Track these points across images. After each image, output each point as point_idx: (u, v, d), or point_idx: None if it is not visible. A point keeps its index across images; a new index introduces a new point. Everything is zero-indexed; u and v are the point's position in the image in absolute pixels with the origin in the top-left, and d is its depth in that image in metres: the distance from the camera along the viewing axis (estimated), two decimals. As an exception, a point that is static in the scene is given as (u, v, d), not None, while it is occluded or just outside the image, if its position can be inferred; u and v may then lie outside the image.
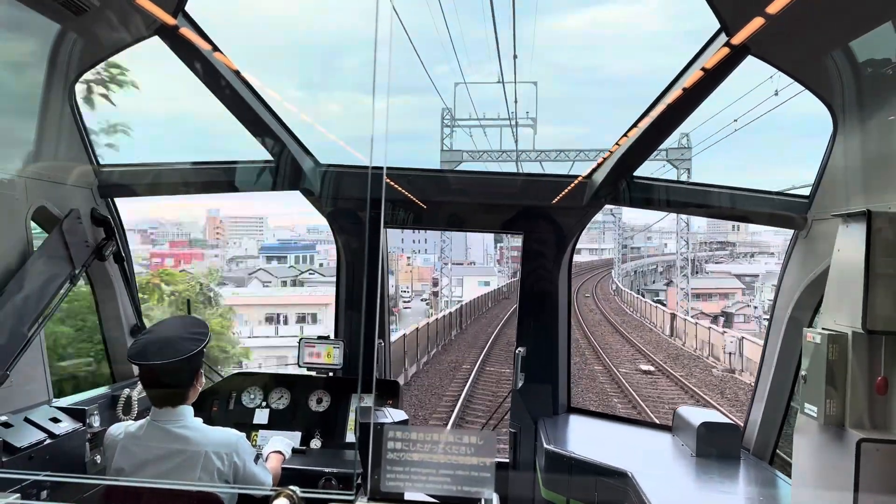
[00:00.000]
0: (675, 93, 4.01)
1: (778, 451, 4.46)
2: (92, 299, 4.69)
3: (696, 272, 77.00)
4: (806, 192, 4.20)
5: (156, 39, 3.78)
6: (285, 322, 44.23)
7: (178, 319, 3.36)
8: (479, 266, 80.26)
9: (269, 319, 44.76)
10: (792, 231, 4.35)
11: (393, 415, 4.43)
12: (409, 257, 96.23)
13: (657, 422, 11.12)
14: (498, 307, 47.04)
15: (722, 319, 45.97)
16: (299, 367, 4.77)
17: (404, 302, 69.56)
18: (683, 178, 30.96)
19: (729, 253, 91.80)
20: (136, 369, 4.47)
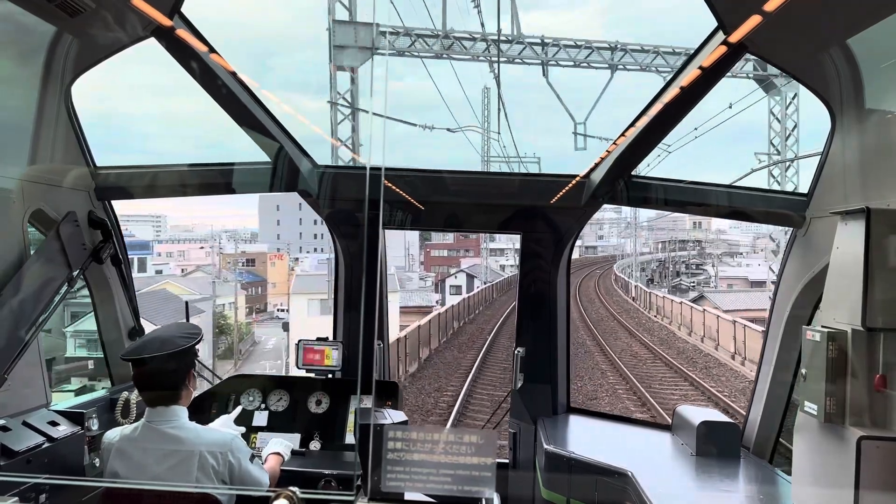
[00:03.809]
0: (673, 91, 4.00)
1: (782, 440, 4.45)
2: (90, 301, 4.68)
3: (674, 275, 69.95)
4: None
5: (152, 41, 3.78)
6: None
7: (173, 324, 3.45)
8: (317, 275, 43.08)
9: None
10: (773, 227, 4.35)
11: (392, 416, 4.43)
12: (296, 258, 71.44)
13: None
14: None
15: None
16: (298, 368, 4.76)
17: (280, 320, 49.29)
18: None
19: (698, 253, 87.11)
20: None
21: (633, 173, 4.98)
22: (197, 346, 3.22)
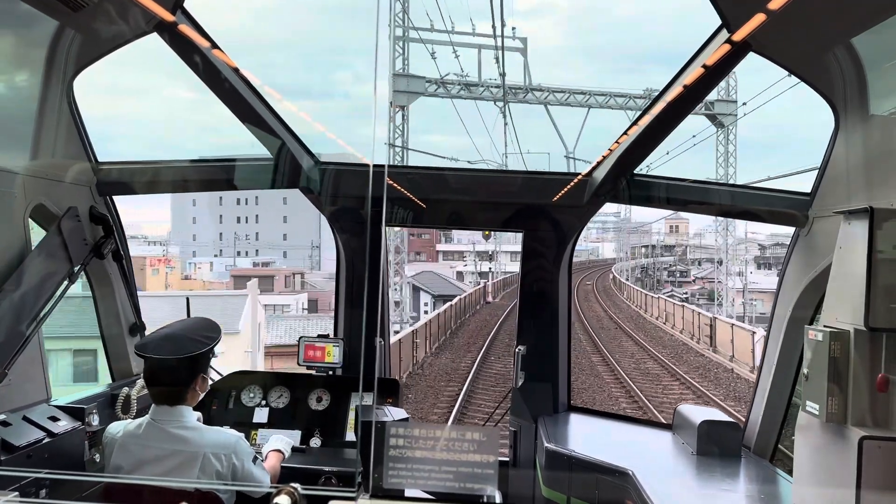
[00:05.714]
0: (676, 90, 3.99)
1: (781, 446, 4.45)
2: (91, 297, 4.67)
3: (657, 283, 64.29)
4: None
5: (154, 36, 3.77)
6: None
7: (193, 320, 3.40)
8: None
9: None
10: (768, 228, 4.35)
11: (393, 413, 4.43)
12: (194, 264, 60.55)
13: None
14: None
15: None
16: (299, 365, 4.76)
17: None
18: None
19: (679, 258, 79.37)
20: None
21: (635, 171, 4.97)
22: (214, 348, 3.21)
